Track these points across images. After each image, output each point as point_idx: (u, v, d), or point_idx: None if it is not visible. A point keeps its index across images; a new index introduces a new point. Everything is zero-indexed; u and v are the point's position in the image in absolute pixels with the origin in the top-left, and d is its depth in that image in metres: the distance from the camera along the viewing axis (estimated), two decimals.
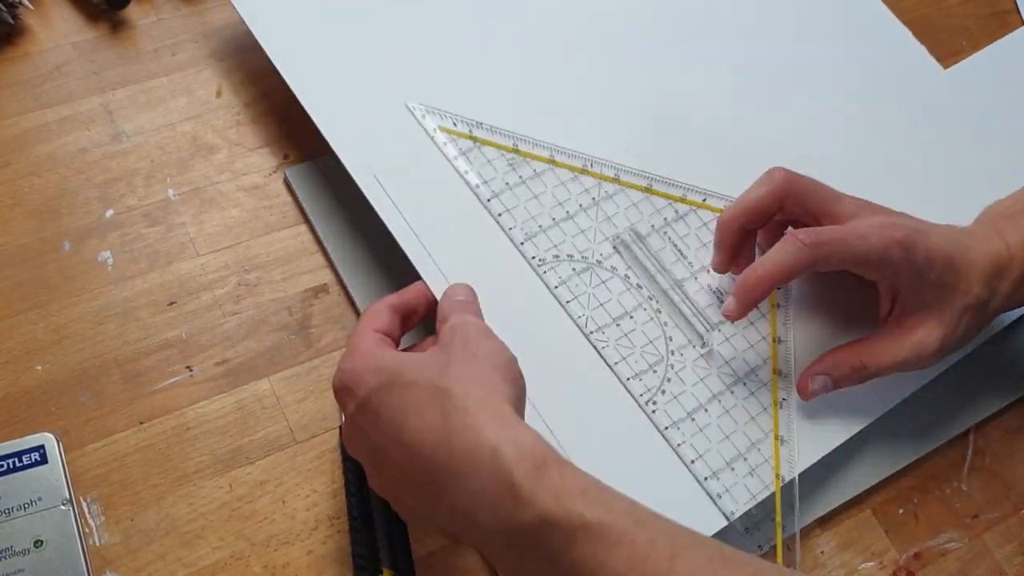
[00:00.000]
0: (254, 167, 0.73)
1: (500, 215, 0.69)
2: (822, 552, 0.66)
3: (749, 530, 0.63)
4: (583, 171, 0.72)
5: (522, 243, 0.68)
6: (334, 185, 0.72)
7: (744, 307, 0.62)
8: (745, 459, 0.64)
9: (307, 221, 0.71)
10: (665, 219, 0.71)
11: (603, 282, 0.68)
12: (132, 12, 0.77)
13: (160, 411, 0.63)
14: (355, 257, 0.70)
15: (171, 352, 0.65)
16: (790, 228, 0.65)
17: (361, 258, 0.70)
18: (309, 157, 0.73)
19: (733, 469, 0.63)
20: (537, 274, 0.67)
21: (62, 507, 0.58)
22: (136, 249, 0.68)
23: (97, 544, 0.59)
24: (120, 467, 0.61)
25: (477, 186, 0.70)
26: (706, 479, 0.62)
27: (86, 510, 0.60)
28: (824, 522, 0.66)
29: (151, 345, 0.65)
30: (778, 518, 0.63)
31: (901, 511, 0.68)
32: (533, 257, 0.68)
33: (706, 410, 0.65)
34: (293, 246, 0.70)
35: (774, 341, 0.68)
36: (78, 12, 0.76)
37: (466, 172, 0.70)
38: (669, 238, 0.70)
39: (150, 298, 0.67)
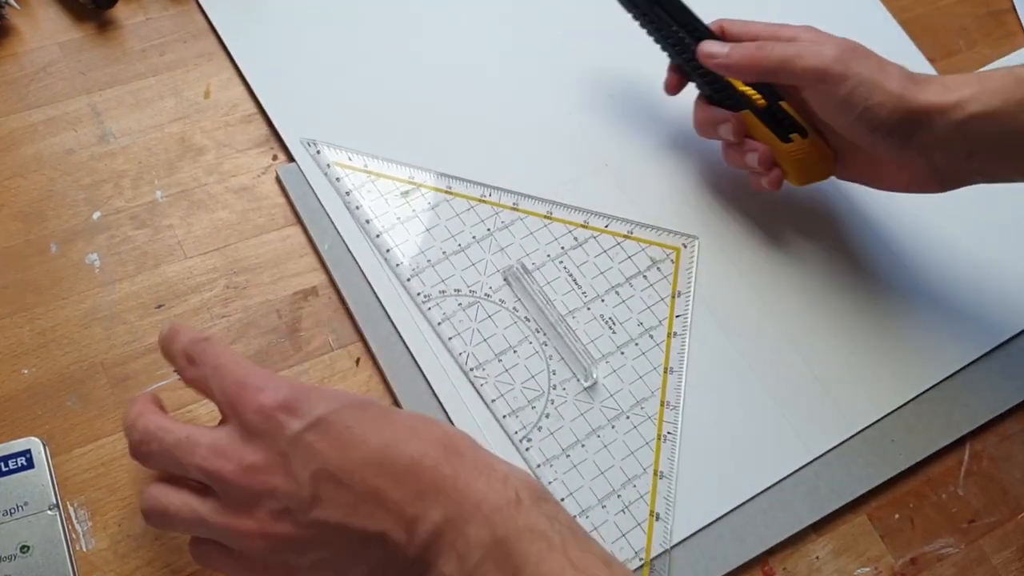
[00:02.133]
0: (243, 169, 0.73)
1: (388, 251, 0.70)
2: (817, 558, 0.66)
3: None
4: (480, 200, 0.73)
5: (408, 279, 0.69)
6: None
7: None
8: (619, 496, 0.65)
9: (298, 220, 0.72)
10: (562, 247, 0.72)
11: (489, 316, 0.69)
12: (119, 12, 0.77)
13: None
14: (348, 256, 0.71)
15: (159, 355, 0.65)
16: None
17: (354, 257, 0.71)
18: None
19: (604, 507, 0.64)
20: (421, 311, 0.69)
21: (49, 512, 0.59)
22: (123, 252, 0.69)
23: (84, 550, 0.59)
24: (107, 472, 0.62)
25: (367, 222, 0.71)
26: (574, 517, 0.63)
27: (73, 515, 0.60)
28: (819, 527, 0.67)
29: (139, 348, 0.66)
30: (647, 556, 0.63)
31: (897, 516, 0.68)
32: (419, 293, 0.69)
33: (583, 445, 0.66)
34: (282, 248, 0.71)
35: (666, 371, 0.69)
36: (65, 12, 0.77)
37: (357, 208, 0.71)
38: (565, 267, 0.71)
39: (138, 301, 0.67)
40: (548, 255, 0.72)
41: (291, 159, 0.74)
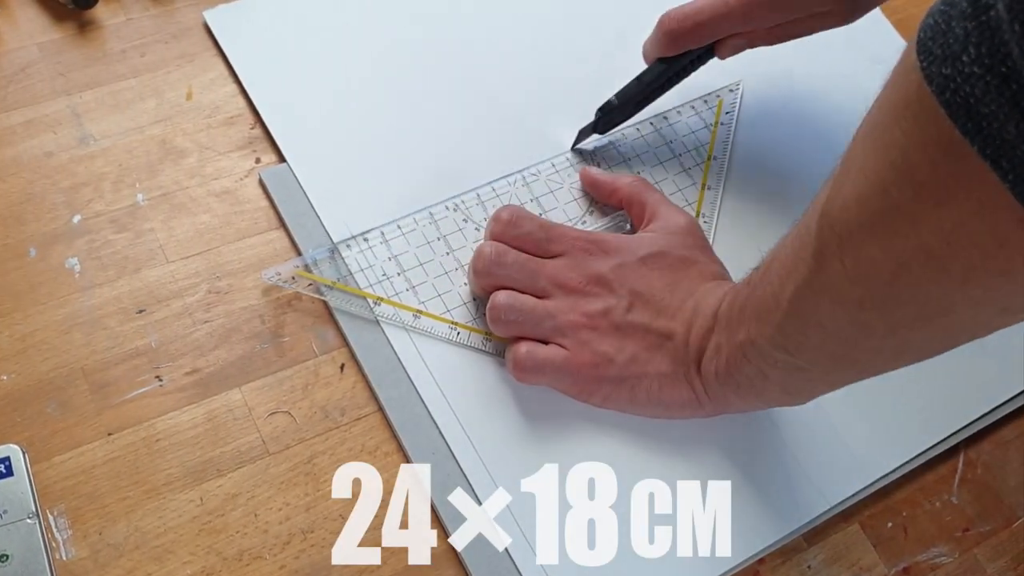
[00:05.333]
0: (225, 171, 0.74)
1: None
2: (809, 567, 0.67)
3: None
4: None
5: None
6: None
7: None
8: None
9: (282, 223, 0.73)
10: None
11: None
12: (100, 12, 0.78)
13: (129, 422, 0.64)
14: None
15: (140, 361, 0.66)
16: None
17: None
18: (282, 161, 0.75)
19: None
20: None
21: (28, 521, 0.60)
22: (104, 256, 0.70)
23: (64, 559, 0.60)
24: (88, 479, 0.63)
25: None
26: None
27: (53, 524, 0.61)
28: (811, 536, 0.68)
29: (119, 354, 0.66)
30: None
31: (890, 524, 0.70)
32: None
33: None
34: (265, 252, 0.72)
35: None
36: (44, 12, 0.78)
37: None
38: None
39: (118, 306, 0.68)
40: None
41: (282, 159, 0.75)
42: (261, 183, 0.74)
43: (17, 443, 0.62)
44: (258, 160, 0.75)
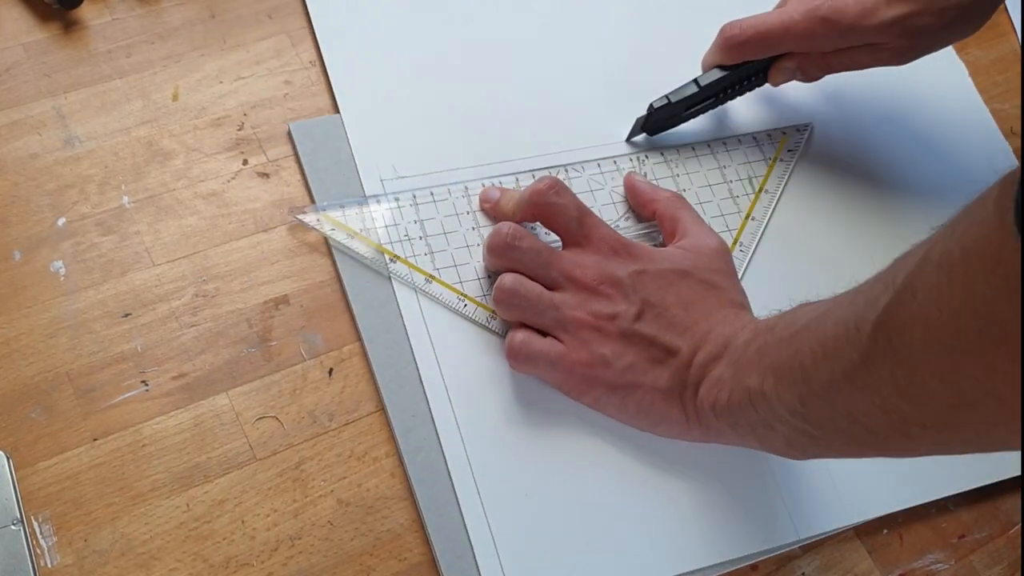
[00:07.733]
0: (212, 173, 0.75)
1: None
2: (803, 574, 0.68)
3: None
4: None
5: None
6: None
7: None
8: None
9: (302, 173, 0.76)
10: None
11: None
12: (85, 12, 0.79)
13: (114, 427, 0.65)
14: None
15: (126, 366, 0.67)
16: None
17: None
18: (272, 161, 0.76)
19: None
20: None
21: (12, 527, 0.60)
22: (89, 259, 0.70)
23: (49, 566, 0.61)
24: (73, 485, 0.63)
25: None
26: None
27: (37, 530, 0.62)
28: (806, 543, 0.69)
29: (105, 359, 0.67)
30: None
31: (885, 531, 0.70)
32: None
33: None
34: (252, 255, 0.72)
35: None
36: (29, 12, 0.78)
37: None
38: None
39: (104, 310, 0.69)
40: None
41: (336, 110, 0.78)
42: (289, 135, 0.77)
43: (1, 449, 0.62)
44: (245, 162, 0.76)
